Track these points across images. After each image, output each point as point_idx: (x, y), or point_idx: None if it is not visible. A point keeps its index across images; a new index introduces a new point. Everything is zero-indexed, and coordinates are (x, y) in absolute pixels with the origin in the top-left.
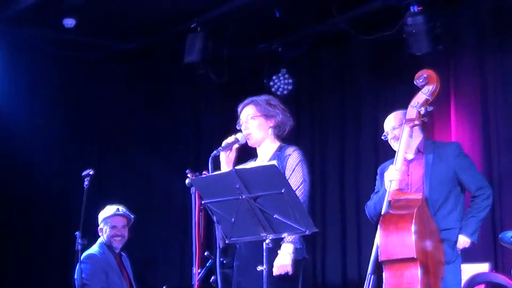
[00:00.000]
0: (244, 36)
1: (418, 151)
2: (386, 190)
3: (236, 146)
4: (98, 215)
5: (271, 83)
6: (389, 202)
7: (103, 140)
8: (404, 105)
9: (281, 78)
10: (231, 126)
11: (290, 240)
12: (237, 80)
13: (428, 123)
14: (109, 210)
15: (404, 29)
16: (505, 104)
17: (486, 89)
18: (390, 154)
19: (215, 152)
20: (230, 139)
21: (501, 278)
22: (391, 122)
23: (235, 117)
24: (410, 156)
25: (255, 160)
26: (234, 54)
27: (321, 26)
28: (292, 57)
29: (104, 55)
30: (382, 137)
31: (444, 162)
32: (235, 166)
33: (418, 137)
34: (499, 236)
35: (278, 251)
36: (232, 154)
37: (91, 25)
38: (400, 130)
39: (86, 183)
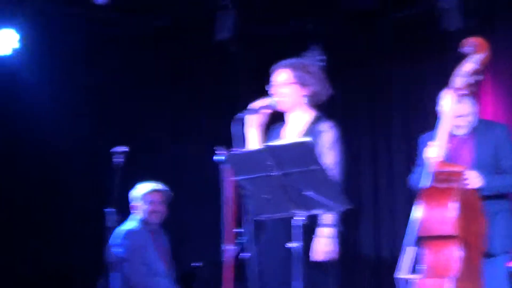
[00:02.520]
0: (276, 13)
1: (473, 129)
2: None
3: (267, 110)
4: (128, 193)
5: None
6: (432, 174)
7: (131, 117)
8: (435, 83)
9: (312, 55)
10: None
11: (330, 222)
12: (268, 57)
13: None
14: (145, 187)
15: (436, 5)
16: None
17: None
18: (421, 127)
19: (242, 113)
20: (264, 102)
21: None
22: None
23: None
24: (463, 131)
25: (283, 127)
26: (265, 31)
27: (351, 3)
28: (324, 34)
29: (135, 32)
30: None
31: (492, 143)
32: (263, 130)
33: (475, 112)
34: None
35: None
36: (261, 118)
37: (122, 2)
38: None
39: (120, 160)
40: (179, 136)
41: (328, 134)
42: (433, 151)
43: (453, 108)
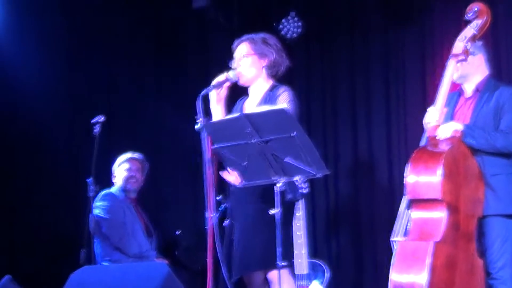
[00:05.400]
0: None
1: (477, 90)
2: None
3: (227, 84)
4: (109, 163)
5: (281, 26)
6: (427, 138)
7: (111, 86)
8: (413, 46)
9: (291, 21)
10: None
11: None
12: (247, 24)
13: None
14: (122, 157)
15: None
16: None
17: (498, 29)
18: (400, 94)
19: (204, 91)
20: (221, 77)
21: None
22: None
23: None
24: (469, 93)
25: (247, 99)
26: None
27: None
28: (302, 0)
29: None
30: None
31: (494, 104)
32: (225, 104)
33: (482, 73)
34: None
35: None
36: (223, 92)
37: None
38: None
39: (96, 129)
40: (159, 104)
41: (282, 96)
42: (431, 116)
43: (452, 73)
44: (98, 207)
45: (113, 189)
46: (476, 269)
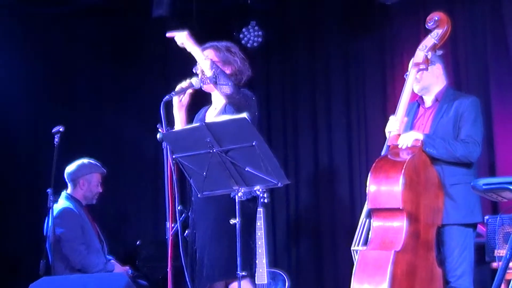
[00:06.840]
0: None
1: (436, 100)
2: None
3: (190, 91)
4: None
5: (241, 36)
6: (388, 147)
7: (71, 97)
8: (372, 56)
9: (251, 30)
10: None
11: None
12: (207, 33)
13: None
14: (85, 166)
15: None
16: (474, 61)
17: (456, 40)
18: (360, 103)
19: (167, 97)
20: (184, 83)
21: None
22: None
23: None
24: (428, 103)
25: (209, 108)
26: (203, 7)
27: None
28: (262, 9)
29: (71, 10)
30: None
31: (455, 113)
32: (187, 111)
33: (441, 83)
34: (471, 184)
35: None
36: (185, 99)
37: None
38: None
39: (56, 140)
40: (119, 113)
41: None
42: (392, 125)
43: (413, 82)
44: (57, 225)
45: (64, 201)
46: (435, 277)
